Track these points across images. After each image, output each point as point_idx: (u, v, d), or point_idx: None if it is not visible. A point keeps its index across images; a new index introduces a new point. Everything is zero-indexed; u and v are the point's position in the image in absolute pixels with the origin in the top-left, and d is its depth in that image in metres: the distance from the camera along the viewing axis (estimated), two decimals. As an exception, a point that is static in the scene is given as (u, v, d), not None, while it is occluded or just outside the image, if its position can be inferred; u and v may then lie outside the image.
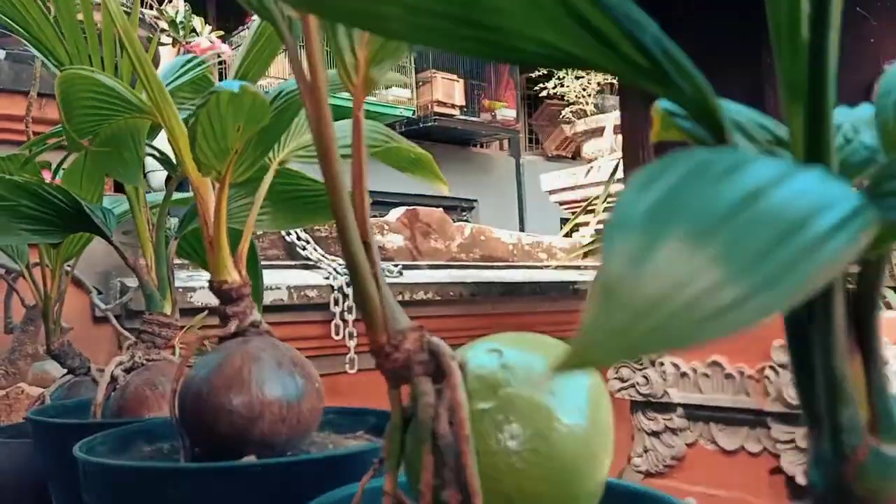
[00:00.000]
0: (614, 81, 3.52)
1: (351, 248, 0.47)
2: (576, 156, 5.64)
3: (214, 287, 0.73)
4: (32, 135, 1.29)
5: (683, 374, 1.52)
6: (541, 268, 2.76)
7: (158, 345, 0.97)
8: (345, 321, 2.02)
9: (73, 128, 0.74)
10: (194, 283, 1.86)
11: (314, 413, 0.72)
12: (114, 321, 1.47)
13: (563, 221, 4.50)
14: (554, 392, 0.47)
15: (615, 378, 1.63)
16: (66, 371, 1.19)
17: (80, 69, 0.74)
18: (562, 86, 3.60)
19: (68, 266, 1.23)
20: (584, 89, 3.49)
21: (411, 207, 2.49)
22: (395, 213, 2.44)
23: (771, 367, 1.37)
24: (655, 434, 1.58)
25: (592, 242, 2.89)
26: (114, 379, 0.93)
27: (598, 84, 3.50)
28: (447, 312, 2.28)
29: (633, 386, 1.59)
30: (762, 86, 1.44)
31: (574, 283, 2.61)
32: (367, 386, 2.33)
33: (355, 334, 2.04)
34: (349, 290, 2.03)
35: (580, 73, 3.58)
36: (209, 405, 0.67)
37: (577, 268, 2.88)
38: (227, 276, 0.73)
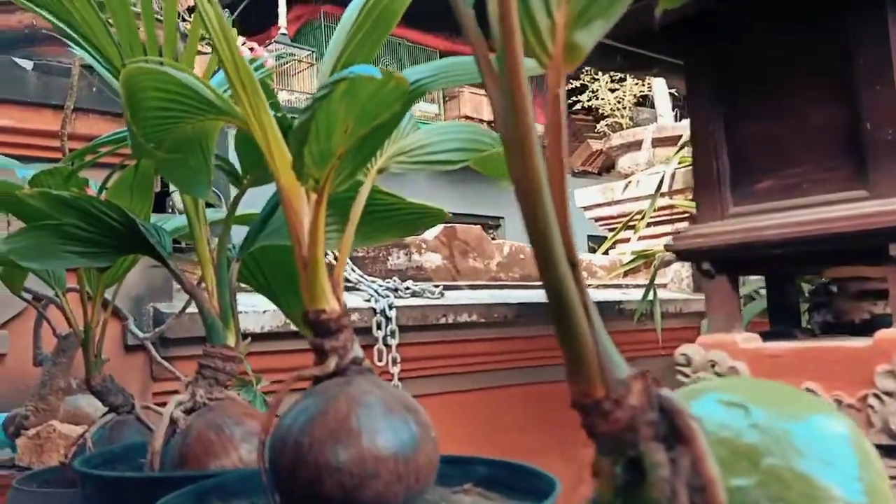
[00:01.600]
0: (651, 93, 3.41)
1: (556, 270, 0.35)
2: (602, 171, 5.53)
3: (310, 318, 0.62)
4: (68, 151, 1.18)
5: (769, 403, 1.40)
6: (582, 287, 2.63)
7: (221, 381, 0.85)
8: (388, 346, 1.90)
9: (140, 132, 0.63)
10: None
11: (431, 468, 0.60)
12: (153, 351, 1.36)
13: (590, 238, 4.38)
14: (829, 461, 0.35)
15: (690, 406, 1.50)
16: (106, 409, 1.08)
17: (147, 63, 0.63)
18: (596, 98, 3.48)
19: (107, 292, 1.12)
20: (619, 101, 3.37)
21: (448, 225, 2.38)
22: (432, 231, 2.33)
23: (875, 395, 1.24)
24: (737, 467, 1.45)
25: (633, 261, 2.77)
26: (173, 421, 0.81)
27: (634, 96, 3.39)
28: (491, 335, 2.16)
29: (711, 415, 1.46)
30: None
31: (619, 303, 2.49)
32: (443, 416, 2.19)
33: (399, 360, 1.92)
34: (392, 314, 1.92)
35: (615, 84, 3.47)
36: (310, 461, 0.55)
37: (619, 286, 2.76)
38: (324, 305, 0.62)
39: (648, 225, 2.78)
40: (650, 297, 2.49)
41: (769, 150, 1.42)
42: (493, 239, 2.63)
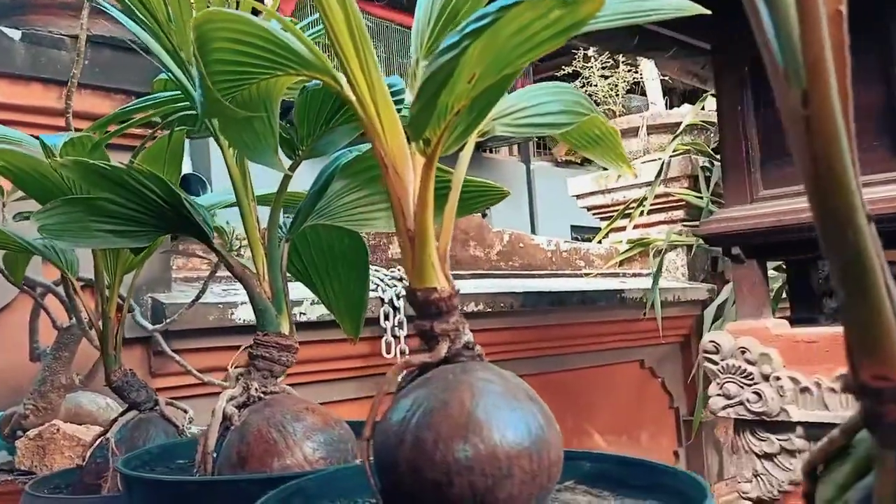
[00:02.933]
0: (643, 81, 3.37)
1: (854, 226, 0.29)
2: (585, 161, 5.50)
3: (418, 298, 0.54)
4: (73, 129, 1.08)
5: (805, 390, 1.36)
6: (581, 276, 2.59)
7: (276, 373, 0.77)
8: (396, 337, 1.83)
9: (215, 87, 0.55)
10: (234, 297, 1.65)
11: (560, 465, 0.53)
12: (163, 345, 1.26)
13: (573, 228, 4.35)
14: None
15: (718, 395, 1.46)
16: (127, 406, 0.99)
17: (222, 9, 0.55)
18: (589, 85, 3.44)
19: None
20: (612, 88, 3.32)
21: (448, 213, 2.30)
22: (432, 219, 2.25)
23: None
24: (768, 456, 1.42)
25: (630, 249, 2.74)
26: (226, 418, 0.73)
27: (626, 83, 3.35)
28: (497, 325, 2.10)
29: (741, 403, 1.43)
30: None
31: (620, 291, 2.45)
32: None
33: (408, 352, 1.85)
34: (400, 303, 1.84)
35: (607, 72, 3.43)
36: (437, 460, 0.48)
37: (617, 275, 2.72)
38: (435, 283, 0.54)
39: (643, 213, 2.75)
40: (664, 285, 2.45)
41: (802, 131, 1.38)
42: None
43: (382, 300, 1.83)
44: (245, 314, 1.63)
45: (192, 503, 0.63)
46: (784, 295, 2.64)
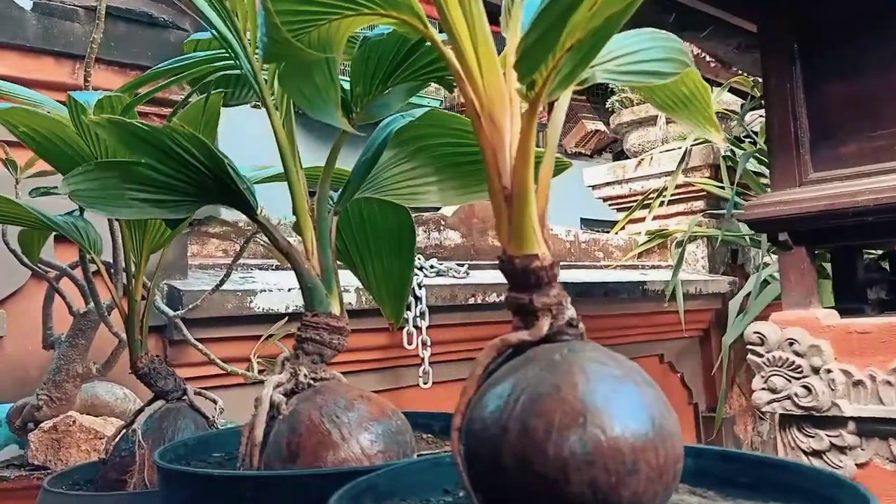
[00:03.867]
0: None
1: None
2: (595, 153, 5.42)
3: (516, 266, 0.47)
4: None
5: (858, 383, 1.29)
6: (601, 267, 2.52)
7: (327, 358, 0.70)
8: (417, 328, 1.76)
9: (282, 28, 0.47)
10: (253, 284, 1.58)
11: (682, 461, 0.46)
12: (186, 333, 1.19)
13: (583, 221, 4.28)
14: None
15: (763, 389, 1.40)
16: (153, 395, 0.91)
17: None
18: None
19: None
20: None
21: (467, 201, 2.23)
22: (452, 207, 2.18)
23: None
24: (817, 453, 1.35)
25: (651, 240, 2.67)
26: (273, 406, 0.66)
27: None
28: (520, 317, 2.03)
29: (788, 398, 1.36)
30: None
31: (643, 283, 2.38)
32: (441, 403, 2.06)
33: (429, 343, 1.78)
34: (421, 293, 1.77)
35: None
36: (551, 453, 0.41)
37: (636, 267, 2.65)
38: (535, 249, 0.47)
39: (662, 204, 2.68)
40: (685, 278, 2.38)
41: (855, 111, 1.32)
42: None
43: (405, 289, 1.76)
44: (265, 302, 1.56)
45: (245, 500, 0.56)
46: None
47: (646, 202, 2.71)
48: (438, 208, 2.20)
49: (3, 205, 0.82)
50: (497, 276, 2.07)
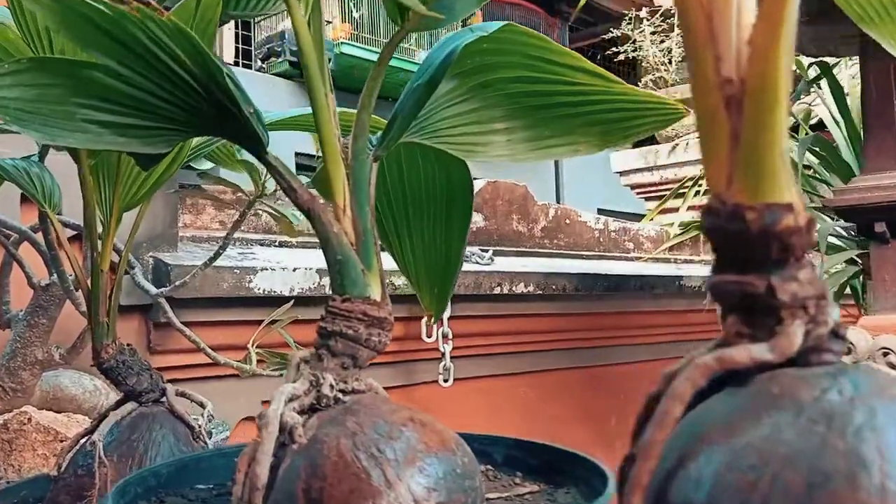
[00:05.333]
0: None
1: None
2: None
3: (749, 223, 0.27)
4: None
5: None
6: (633, 259, 2.32)
7: (361, 362, 0.49)
8: (438, 319, 1.55)
9: None
10: (252, 261, 1.37)
11: None
12: (170, 314, 0.99)
13: (600, 212, 4.07)
14: None
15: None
16: (122, 394, 0.71)
17: None
18: (640, 50, 3.12)
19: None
20: (665, 55, 2.99)
21: (492, 180, 2.02)
22: (475, 185, 1.97)
23: None
24: None
25: (685, 232, 2.46)
26: (284, 430, 0.45)
27: (682, 49, 3.05)
28: (549, 310, 1.82)
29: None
30: None
31: (679, 278, 2.18)
32: (461, 402, 1.86)
33: (451, 335, 1.57)
34: (444, 279, 1.56)
35: (660, 35, 3.11)
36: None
37: (669, 260, 2.45)
38: (786, 196, 0.26)
39: (698, 193, 2.46)
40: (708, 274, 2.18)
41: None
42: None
43: (425, 274, 1.55)
44: (265, 283, 1.35)
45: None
46: (848, 290, 2.37)
47: (680, 191, 2.50)
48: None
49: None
50: (524, 264, 1.86)
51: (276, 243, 1.53)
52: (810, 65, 2.23)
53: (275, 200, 1.04)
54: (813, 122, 2.71)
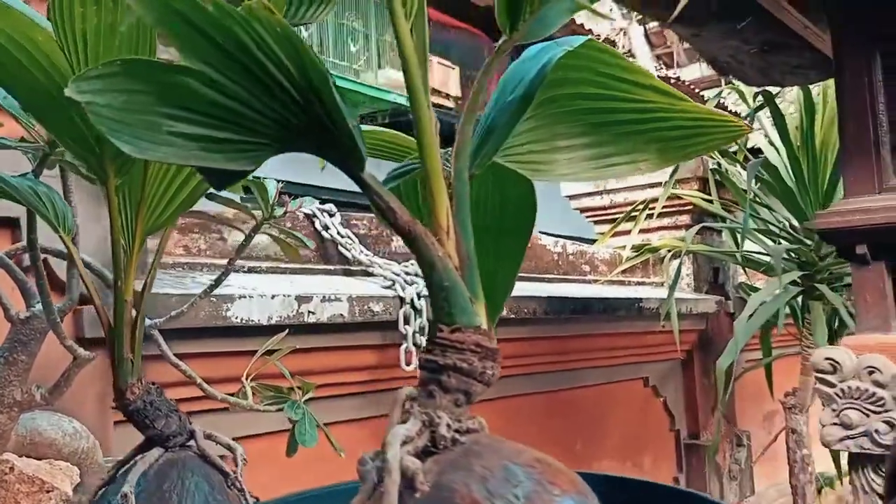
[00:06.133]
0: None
1: None
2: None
3: None
4: None
5: (951, 419, 1.13)
6: (591, 282, 2.33)
7: (473, 398, 0.45)
8: (417, 346, 1.50)
9: None
10: (228, 288, 1.29)
11: None
12: (166, 350, 0.91)
13: (542, 233, 4.10)
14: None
15: (835, 423, 1.21)
16: (143, 439, 0.64)
17: None
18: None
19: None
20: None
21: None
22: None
23: None
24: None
25: (639, 255, 2.50)
26: (405, 477, 0.40)
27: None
28: (521, 334, 1.81)
29: (866, 434, 1.18)
30: None
31: (639, 300, 2.20)
32: None
33: (429, 363, 1.52)
34: (422, 304, 1.52)
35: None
36: None
37: (624, 283, 2.47)
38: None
39: (650, 217, 2.51)
40: (663, 296, 2.23)
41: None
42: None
43: (402, 299, 1.50)
44: (243, 311, 1.27)
45: None
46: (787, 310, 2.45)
47: (632, 214, 2.54)
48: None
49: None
50: (493, 288, 1.84)
51: (245, 269, 1.45)
52: (755, 94, 2.32)
53: (270, 224, 0.98)
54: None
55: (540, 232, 2.29)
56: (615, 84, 0.59)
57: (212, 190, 0.84)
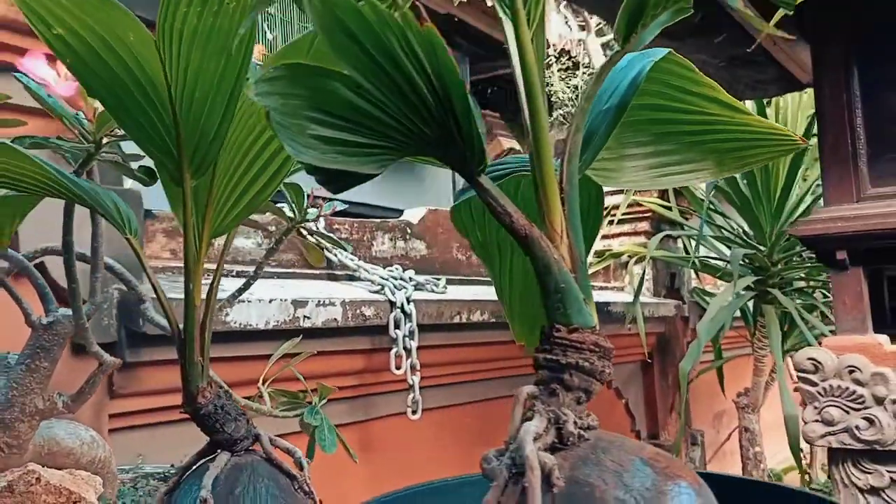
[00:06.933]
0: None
1: None
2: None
3: None
4: None
5: (927, 414, 1.20)
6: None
7: (592, 396, 0.47)
8: (407, 350, 1.50)
9: None
10: (222, 292, 1.26)
11: None
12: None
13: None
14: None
15: (816, 420, 1.28)
16: (207, 443, 0.63)
17: None
18: (549, 86, 3.23)
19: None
20: (573, 92, 3.12)
21: (432, 208, 2.01)
22: (417, 213, 1.95)
23: None
24: (875, 491, 1.25)
25: (602, 260, 2.55)
26: (542, 472, 0.42)
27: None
28: (503, 338, 1.83)
29: (846, 431, 1.25)
30: None
31: (607, 304, 2.25)
32: (423, 434, 1.79)
33: (419, 367, 1.53)
34: (411, 308, 1.52)
35: (567, 73, 3.23)
36: None
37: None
38: None
39: (612, 223, 2.58)
40: (629, 300, 2.29)
41: (919, 124, 1.24)
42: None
43: (392, 303, 1.50)
44: (241, 316, 1.25)
45: None
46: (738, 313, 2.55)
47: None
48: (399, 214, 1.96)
49: (4, 156, 0.52)
50: (476, 293, 1.86)
51: (234, 273, 1.43)
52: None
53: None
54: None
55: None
56: (682, 96, 0.62)
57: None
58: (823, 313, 2.68)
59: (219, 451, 0.62)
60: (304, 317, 1.35)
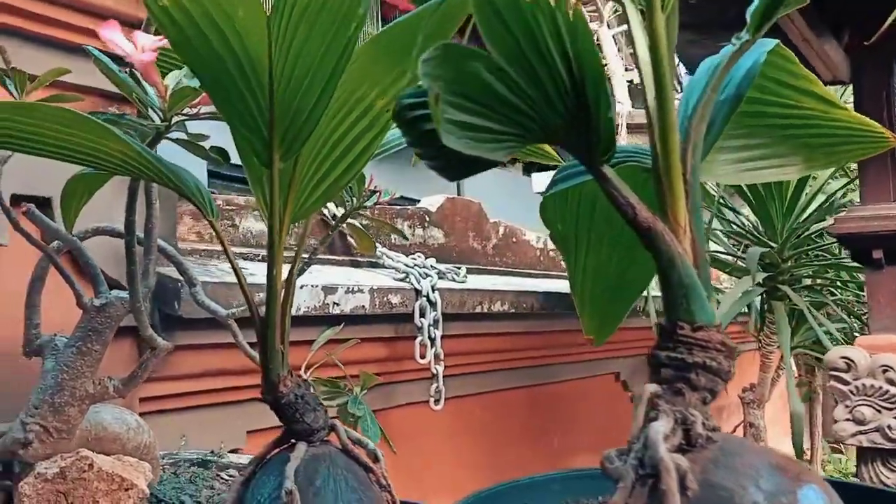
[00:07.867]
0: (610, 79, 3.19)
1: None
2: (509, 163, 5.31)
3: None
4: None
5: (960, 415, 1.20)
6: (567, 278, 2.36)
7: (716, 396, 0.46)
8: (432, 339, 1.49)
9: None
10: (251, 278, 1.25)
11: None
12: (242, 341, 0.88)
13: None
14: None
15: (848, 419, 1.28)
16: (282, 433, 0.61)
17: None
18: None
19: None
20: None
21: (450, 196, 1.99)
22: (435, 201, 1.93)
23: None
24: (903, 490, 1.25)
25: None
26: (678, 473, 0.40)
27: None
28: (520, 328, 1.82)
29: (878, 430, 1.25)
30: None
31: (620, 297, 2.24)
32: (447, 423, 1.77)
33: (443, 356, 1.51)
34: (436, 297, 1.50)
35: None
36: None
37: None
38: None
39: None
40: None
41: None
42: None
43: (418, 292, 1.49)
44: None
45: None
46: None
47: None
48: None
49: (90, 133, 0.50)
50: (494, 283, 1.84)
51: (260, 258, 1.41)
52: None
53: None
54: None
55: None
56: (779, 89, 0.60)
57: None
58: (829, 312, 2.69)
59: (293, 441, 0.60)
60: (334, 303, 1.33)
